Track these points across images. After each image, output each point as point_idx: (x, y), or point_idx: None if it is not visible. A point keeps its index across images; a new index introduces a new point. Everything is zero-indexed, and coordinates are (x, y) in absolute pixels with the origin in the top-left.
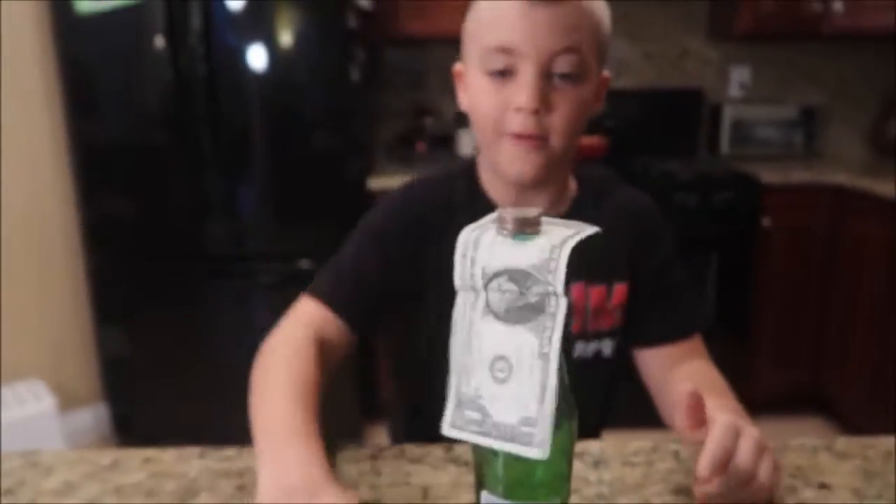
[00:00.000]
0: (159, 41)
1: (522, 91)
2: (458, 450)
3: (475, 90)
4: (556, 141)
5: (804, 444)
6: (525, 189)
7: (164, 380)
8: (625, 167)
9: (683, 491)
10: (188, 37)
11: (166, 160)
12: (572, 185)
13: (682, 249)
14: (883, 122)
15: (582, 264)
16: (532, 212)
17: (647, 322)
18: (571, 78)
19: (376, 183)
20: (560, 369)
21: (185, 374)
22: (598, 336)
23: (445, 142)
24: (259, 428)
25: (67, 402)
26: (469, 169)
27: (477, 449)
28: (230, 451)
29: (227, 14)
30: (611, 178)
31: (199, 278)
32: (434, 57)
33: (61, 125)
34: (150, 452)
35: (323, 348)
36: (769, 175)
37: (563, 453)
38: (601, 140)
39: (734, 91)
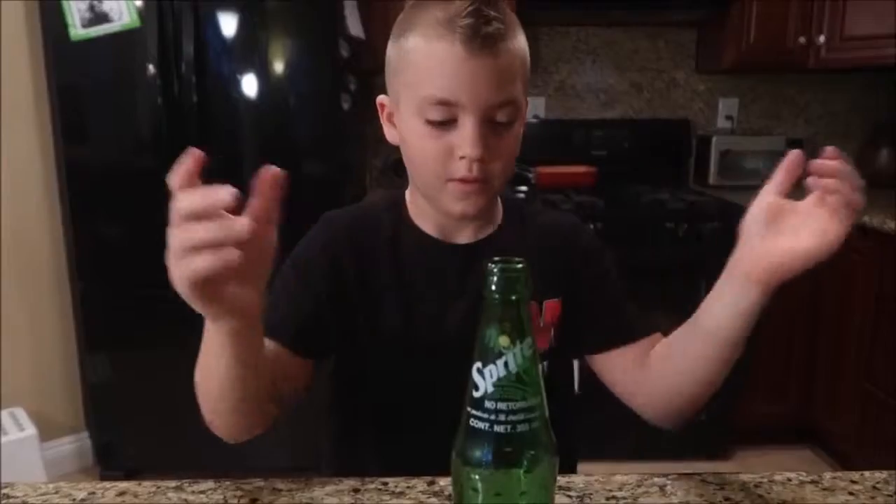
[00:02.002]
0: (151, 68)
1: (467, 142)
2: (441, 483)
3: (413, 135)
4: (497, 182)
5: (791, 478)
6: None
7: (149, 408)
8: (614, 196)
9: None
10: (180, 64)
11: (157, 187)
12: (499, 208)
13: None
14: (868, 153)
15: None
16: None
17: (604, 330)
18: (509, 123)
19: None
20: (541, 405)
21: (170, 402)
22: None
23: None
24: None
25: (49, 430)
26: (394, 202)
27: (456, 484)
28: (207, 484)
29: (219, 42)
30: (533, 203)
31: (188, 305)
32: None
33: (52, 150)
34: (126, 485)
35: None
36: None
37: (544, 488)
38: (590, 169)
39: (722, 122)
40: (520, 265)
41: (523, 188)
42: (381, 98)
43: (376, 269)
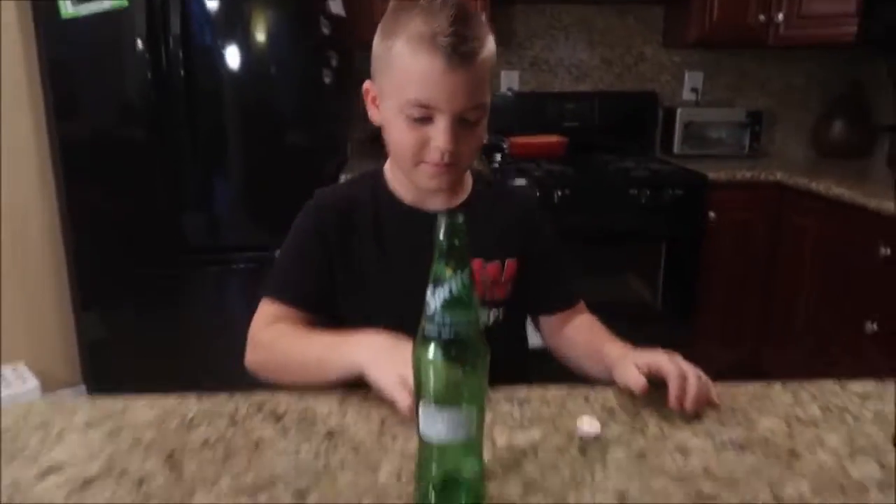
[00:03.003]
0: (140, 44)
1: (440, 138)
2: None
3: (394, 125)
4: (463, 163)
5: None
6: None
7: (143, 362)
8: (582, 165)
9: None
10: (168, 39)
11: (146, 156)
12: (468, 179)
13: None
14: (823, 124)
15: (475, 245)
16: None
17: (545, 296)
18: (477, 121)
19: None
20: (476, 319)
21: (163, 356)
22: (495, 304)
23: None
24: (311, 355)
25: (48, 385)
26: (374, 176)
27: (416, 380)
28: (223, 396)
29: (205, 18)
30: (499, 177)
31: (177, 267)
32: None
33: (45, 122)
34: (156, 398)
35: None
36: (716, 173)
37: (480, 378)
38: (561, 139)
39: (687, 95)
40: (461, 219)
41: (498, 156)
42: (366, 84)
43: (361, 236)
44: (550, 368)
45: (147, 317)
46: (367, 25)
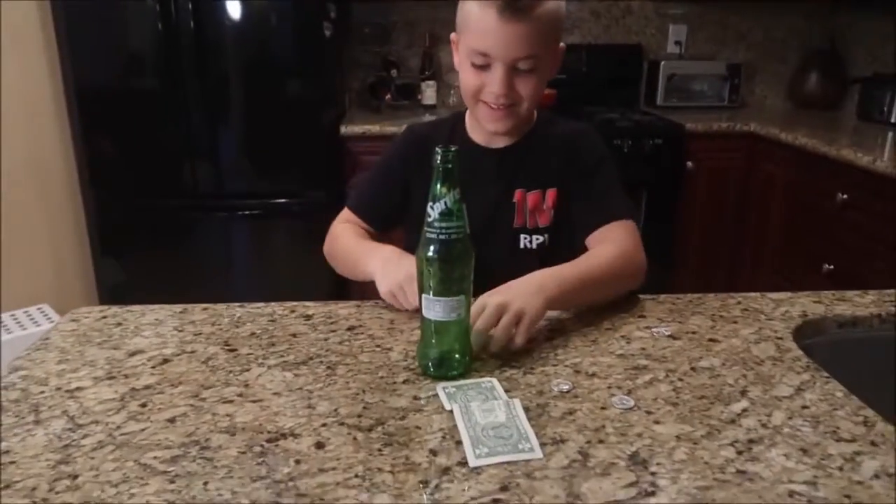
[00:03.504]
0: None
1: (495, 82)
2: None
3: (462, 67)
4: (520, 109)
5: (639, 297)
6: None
7: (157, 302)
8: (570, 116)
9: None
10: None
11: (157, 107)
12: (531, 122)
13: None
14: (800, 77)
15: (521, 176)
16: None
17: (577, 219)
18: (530, 70)
19: (347, 129)
20: (464, 226)
21: (174, 298)
22: (539, 231)
23: (411, 92)
24: (351, 255)
25: None
26: (458, 116)
27: (419, 275)
28: (260, 304)
29: None
30: (559, 117)
31: (187, 212)
32: (399, 12)
33: (60, 74)
34: (207, 304)
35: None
36: (695, 124)
37: (468, 270)
38: (550, 91)
39: (672, 47)
40: (453, 149)
41: None
42: (453, 35)
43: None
44: None
45: (160, 262)
46: None
